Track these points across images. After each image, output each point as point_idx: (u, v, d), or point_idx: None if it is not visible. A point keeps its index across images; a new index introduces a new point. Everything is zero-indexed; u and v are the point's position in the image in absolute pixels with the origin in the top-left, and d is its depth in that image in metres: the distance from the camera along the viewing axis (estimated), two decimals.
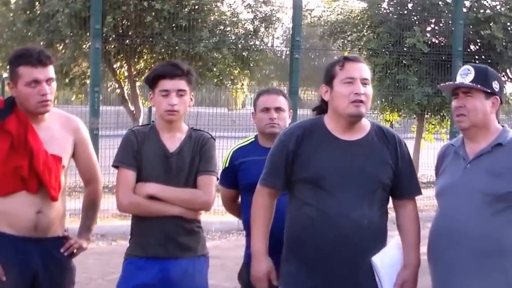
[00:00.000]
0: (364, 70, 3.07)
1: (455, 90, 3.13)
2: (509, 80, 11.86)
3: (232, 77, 11.16)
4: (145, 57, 10.98)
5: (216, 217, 8.67)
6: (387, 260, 3.03)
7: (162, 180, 3.32)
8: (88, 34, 9.57)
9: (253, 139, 3.81)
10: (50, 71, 3.24)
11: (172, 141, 3.38)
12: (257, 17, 11.05)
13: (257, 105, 3.76)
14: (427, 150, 12.82)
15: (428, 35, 11.27)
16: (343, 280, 2.99)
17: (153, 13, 9.83)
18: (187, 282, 3.33)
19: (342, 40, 12.20)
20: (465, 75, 3.09)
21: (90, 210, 3.54)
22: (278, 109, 3.69)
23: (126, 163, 3.33)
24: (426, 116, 11.82)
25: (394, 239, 3.14)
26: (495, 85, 3.10)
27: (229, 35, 10.83)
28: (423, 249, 3.16)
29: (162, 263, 3.31)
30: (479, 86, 3.05)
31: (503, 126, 3.17)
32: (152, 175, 3.32)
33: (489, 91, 3.07)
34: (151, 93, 3.40)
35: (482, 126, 3.09)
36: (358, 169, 3.01)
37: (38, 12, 10.60)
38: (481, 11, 11.36)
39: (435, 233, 3.15)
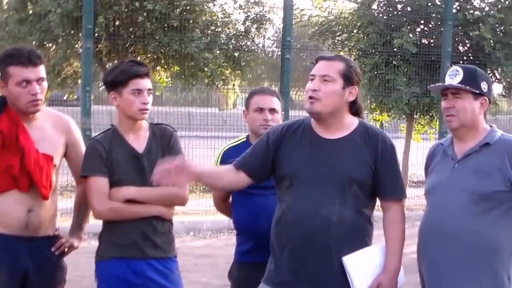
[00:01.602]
0: (328, 67, 3.07)
1: (444, 91, 3.16)
2: (497, 81, 11.92)
3: (223, 78, 11.17)
4: (137, 57, 10.99)
5: (207, 217, 8.72)
6: (362, 262, 3.01)
7: (137, 182, 3.32)
8: (80, 34, 9.58)
9: (244, 139, 3.80)
10: (41, 70, 3.25)
11: (139, 142, 3.38)
12: (249, 18, 11.06)
13: (251, 104, 3.73)
14: (416, 150, 12.90)
15: (418, 35, 11.31)
16: (312, 276, 3.00)
17: (145, 13, 9.84)
18: (164, 283, 3.35)
19: (332, 40, 12.23)
20: (453, 75, 3.11)
21: (82, 209, 3.54)
22: (273, 110, 3.68)
23: (97, 171, 3.30)
24: (415, 116, 11.86)
25: (380, 243, 3.13)
26: (484, 86, 3.13)
27: (221, 36, 10.85)
28: (411, 248, 3.19)
29: (138, 264, 3.32)
30: (467, 87, 3.08)
31: (491, 126, 3.19)
32: (126, 179, 3.32)
33: (478, 91, 3.10)
34: (113, 94, 3.35)
35: (471, 126, 3.12)
36: (331, 167, 3.01)
37: (30, 12, 10.59)
38: (470, 12, 11.42)
39: (423, 231, 3.17)
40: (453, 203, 3.06)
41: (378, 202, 3.19)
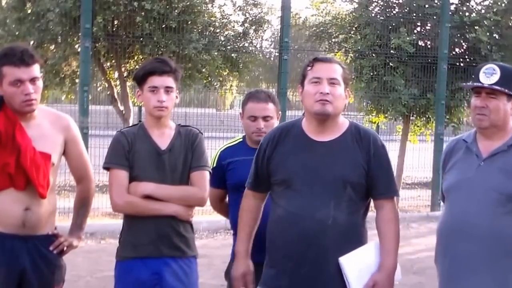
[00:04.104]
0: (333, 70, 3.09)
1: (477, 87, 3.09)
2: None
3: (221, 79, 11.19)
4: (135, 58, 11.00)
5: (204, 216, 8.72)
6: (358, 261, 3.02)
7: (157, 179, 3.35)
8: (78, 33, 9.59)
9: (241, 139, 3.82)
10: (35, 70, 3.24)
11: (163, 139, 3.42)
12: (247, 20, 11.08)
13: (245, 110, 3.73)
14: (412, 152, 12.91)
15: (415, 37, 11.34)
16: (309, 279, 3.02)
17: (143, 14, 9.86)
18: (180, 283, 3.37)
19: (328, 42, 12.26)
20: (490, 74, 3.04)
21: (82, 208, 3.56)
22: (266, 118, 3.68)
23: (118, 163, 3.36)
24: (411, 118, 11.89)
25: (373, 241, 3.14)
26: None
27: (219, 37, 10.86)
28: (406, 249, 3.20)
29: (155, 263, 3.34)
30: (506, 90, 3.03)
31: None
32: (146, 174, 3.35)
33: None
34: (139, 90, 3.44)
35: (501, 127, 3.09)
36: (325, 170, 3.03)
37: (29, 11, 10.59)
38: (467, 14, 11.47)
39: (444, 229, 3.14)
40: (480, 202, 3.02)
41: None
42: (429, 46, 11.44)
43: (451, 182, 3.17)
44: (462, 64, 11.51)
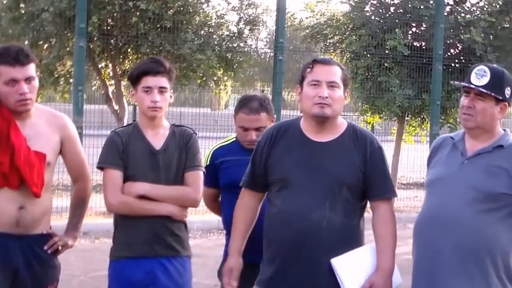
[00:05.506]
0: (332, 73, 3.09)
1: (466, 87, 3.10)
2: None
3: (215, 79, 11.19)
4: (130, 57, 10.99)
5: (197, 216, 8.72)
6: (351, 263, 3.01)
7: (151, 178, 3.36)
8: (73, 33, 9.57)
9: (234, 139, 3.80)
10: (30, 69, 3.24)
11: (157, 138, 3.42)
12: (242, 20, 11.07)
13: (237, 118, 3.69)
14: (407, 152, 12.92)
15: (410, 38, 11.36)
16: (303, 279, 3.02)
17: (138, 14, 9.85)
18: (173, 282, 3.38)
19: (324, 42, 12.27)
20: (480, 76, 3.05)
21: (78, 208, 3.55)
22: (259, 128, 3.61)
23: (112, 163, 3.36)
24: (406, 118, 11.91)
25: (369, 243, 3.13)
26: (507, 92, 3.08)
27: (214, 37, 10.86)
28: (403, 249, 3.18)
29: (149, 263, 3.35)
30: (492, 93, 3.03)
31: (504, 130, 3.17)
32: (140, 174, 3.35)
33: (501, 98, 3.06)
34: (133, 90, 3.44)
35: (487, 129, 3.10)
36: (321, 171, 3.03)
37: (24, 11, 10.56)
38: (462, 15, 11.49)
39: (421, 218, 3.15)
40: (459, 198, 3.04)
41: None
42: (424, 47, 11.46)
43: (434, 176, 3.19)
44: (457, 65, 11.53)
